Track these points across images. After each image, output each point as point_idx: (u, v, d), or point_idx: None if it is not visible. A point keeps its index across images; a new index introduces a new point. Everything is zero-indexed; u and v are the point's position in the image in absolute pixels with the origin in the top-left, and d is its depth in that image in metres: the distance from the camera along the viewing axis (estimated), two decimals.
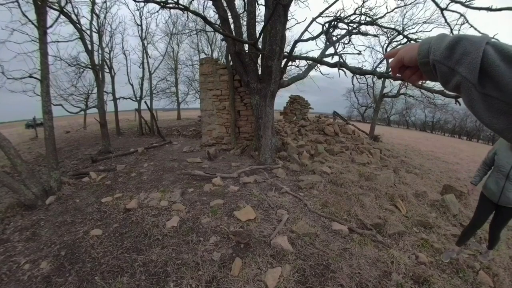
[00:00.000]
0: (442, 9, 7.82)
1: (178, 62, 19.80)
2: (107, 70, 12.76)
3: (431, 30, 13.18)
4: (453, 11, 7.74)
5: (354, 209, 4.33)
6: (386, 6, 14.67)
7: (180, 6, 7.47)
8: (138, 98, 12.67)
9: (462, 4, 7.56)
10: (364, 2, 9.72)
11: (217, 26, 7.79)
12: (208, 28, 11.03)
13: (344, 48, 11.11)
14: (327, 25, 8.82)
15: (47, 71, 5.57)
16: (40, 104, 5.49)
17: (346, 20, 9.23)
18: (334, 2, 8.31)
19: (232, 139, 8.88)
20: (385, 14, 10.88)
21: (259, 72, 8.14)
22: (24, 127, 24.35)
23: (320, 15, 8.69)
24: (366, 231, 3.73)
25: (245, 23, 8.42)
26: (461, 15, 7.76)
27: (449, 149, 19.03)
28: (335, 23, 9.19)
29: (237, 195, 4.81)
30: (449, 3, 7.70)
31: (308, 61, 9.76)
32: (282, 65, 7.66)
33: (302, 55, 9.05)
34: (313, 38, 8.71)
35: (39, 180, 5.45)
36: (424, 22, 12.53)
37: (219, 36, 16.20)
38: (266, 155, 7.59)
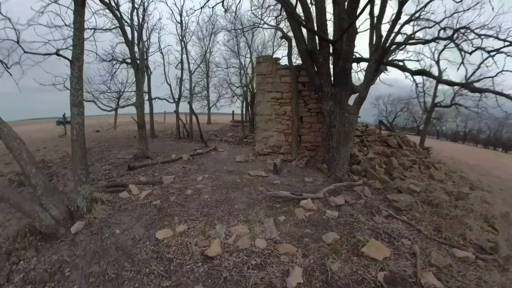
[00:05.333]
0: None
1: (209, 66, 18.17)
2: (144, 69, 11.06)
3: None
4: None
5: (467, 232, 3.59)
6: (445, 11, 12.69)
7: None
8: (176, 99, 10.87)
9: None
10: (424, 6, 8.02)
11: (300, 19, 5.99)
12: (265, 26, 9.24)
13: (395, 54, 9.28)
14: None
15: (81, 51, 3.77)
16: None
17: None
18: (426, 4, 6.48)
19: (293, 149, 6.91)
20: (442, 20, 9.08)
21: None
22: (56, 124, 23.11)
23: (410, 18, 6.83)
24: (487, 256, 3.15)
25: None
26: None
27: (494, 163, 16.69)
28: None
29: (342, 223, 3.56)
30: None
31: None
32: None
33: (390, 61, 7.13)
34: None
35: (61, 197, 3.55)
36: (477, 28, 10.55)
37: (256, 37, 14.37)
38: (344, 170, 5.69)
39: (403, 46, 9.14)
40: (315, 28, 6.28)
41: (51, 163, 7.42)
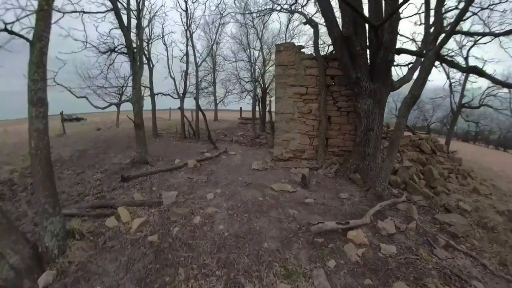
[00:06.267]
0: None
1: (216, 60, 16.84)
2: (145, 61, 9.81)
3: None
4: None
5: None
6: (480, 2, 11.34)
7: None
8: (181, 95, 9.62)
9: None
10: None
11: None
12: (281, 10, 7.86)
13: None
14: None
15: (45, 27, 2.54)
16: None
17: None
18: None
19: (320, 154, 5.70)
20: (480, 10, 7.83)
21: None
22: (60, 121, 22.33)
23: None
24: None
25: None
26: None
27: None
28: None
29: (404, 263, 2.76)
30: None
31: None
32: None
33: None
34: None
35: (22, 237, 2.43)
36: None
37: (265, 30, 12.98)
38: (386, 183, 4.64)
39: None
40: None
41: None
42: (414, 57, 6.46)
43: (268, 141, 8.55)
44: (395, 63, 7.64)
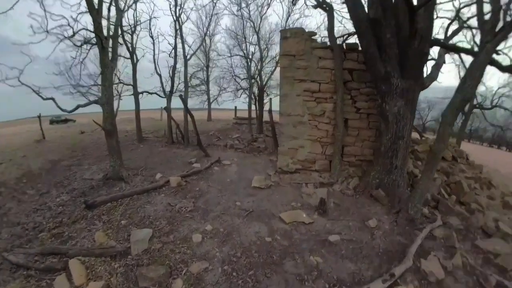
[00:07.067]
0: None
1: (210, 55, 15.54)
2: (129, 56, 8.58)
3: None
4: None
5: None
6: None
7: None
8: (168, 93, 8.40)
9: None
10: None
11: None
12: None
13: None
14: None
15: None
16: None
17: None
18: None
19: (336, 166, 4.65)
20: None
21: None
22: (49, 123, 21.00)
23: None
24: None
25: None
26: None
27: None
28: None
29: None
30: None
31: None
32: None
33: None
34: None
35: None
36: None
37: (263, 25, 11.72)
38: (420, 204, 3.74)
39: None
40: None
41: (3, 187, 5.12)
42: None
43: (268, 146, 7.45)
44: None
